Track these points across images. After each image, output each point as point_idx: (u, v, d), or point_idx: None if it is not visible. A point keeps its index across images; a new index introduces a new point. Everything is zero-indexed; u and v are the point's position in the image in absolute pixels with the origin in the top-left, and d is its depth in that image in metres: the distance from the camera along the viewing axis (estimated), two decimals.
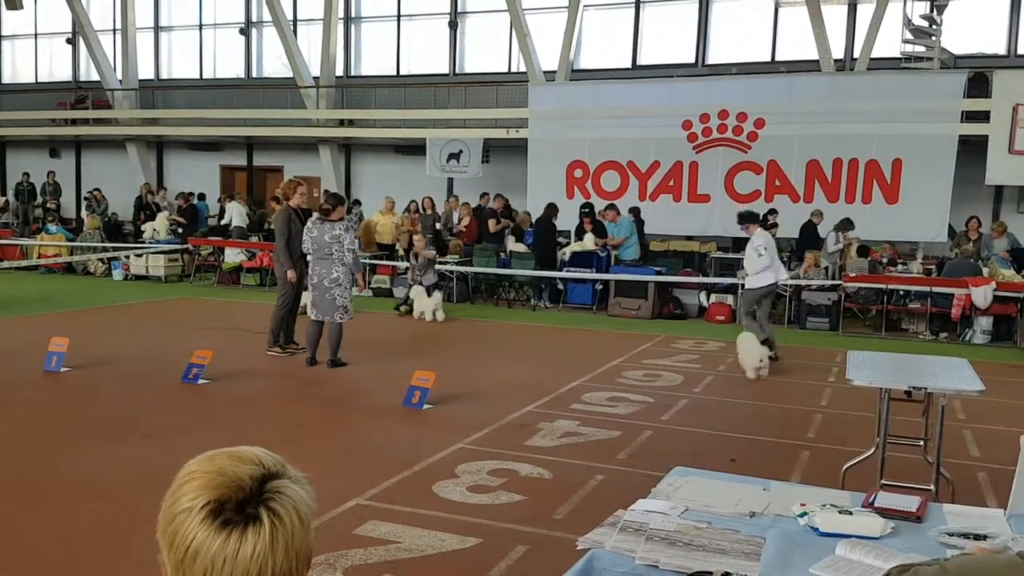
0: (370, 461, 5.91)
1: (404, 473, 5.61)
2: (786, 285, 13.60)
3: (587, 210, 15.46)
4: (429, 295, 13.10)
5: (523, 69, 19.77)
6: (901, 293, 13.33)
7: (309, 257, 9.26)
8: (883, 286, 13.14)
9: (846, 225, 14.60)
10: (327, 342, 9.11)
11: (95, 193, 21.36)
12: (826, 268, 14.09)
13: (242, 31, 23.52)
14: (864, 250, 14.29)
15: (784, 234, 16.57)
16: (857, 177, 16.39)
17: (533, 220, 16.27)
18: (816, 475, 5.64)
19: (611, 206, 15.55)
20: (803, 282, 13.53)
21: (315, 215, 9.23)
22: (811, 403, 8.18)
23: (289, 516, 1.11)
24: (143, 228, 19.31)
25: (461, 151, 19.21)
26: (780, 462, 6.13)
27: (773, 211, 15.41)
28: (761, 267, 10.08)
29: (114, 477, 5.41)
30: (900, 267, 14.31)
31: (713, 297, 14.24)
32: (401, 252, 15.84)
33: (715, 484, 3.09)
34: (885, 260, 14.56)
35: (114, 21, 24.03)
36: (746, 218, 10.40)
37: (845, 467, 5.05)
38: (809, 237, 15.23)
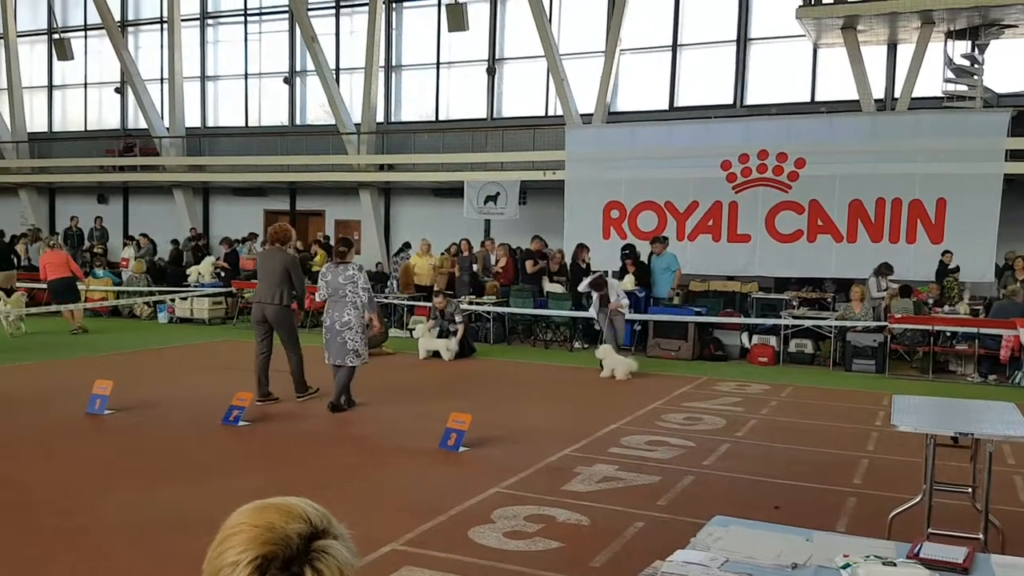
0: (405, 505, 5.87)
1: (440, 518, 5.56)
2: (830, 327, 13.43)
3: (627, 251, 15.41)
4: (453, 335, 13.22)
5: (560, 112, 19.94)
6: (948, 334, 13.05)
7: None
8: (929, 327, 12.88)
9: (885, 270, 14.36)
10: (335, 384, 9.04)
11: (140, 238, 21.78)
12: (873, 308, 13.86)
13: (286, 80, 24.04)
14: (907, 290, 14.05)
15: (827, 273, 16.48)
16: (901, 217, 16.19)
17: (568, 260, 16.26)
18: (862, 523, 5.49)
19: (657, 239, 15.49)
20: (848, 323, 13.31)
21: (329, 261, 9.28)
22: (857, 448, 7.98)
23: None
24: (188, 272, 19.65)
25: (498, 193, 19.34)
26: (825, 509, 5.98)
27: (947, 252, 15.08)
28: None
29: (154, 521, 5.43)
30: (946, 308, 14.03)
31: (755, 338, 14.04)
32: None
33: (756, 534, 3.01)
34: (931, 301, 14.29)
35: (162, 71, 24.75)
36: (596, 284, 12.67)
37: (892, 515, 4.90)
38: None
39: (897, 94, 17.33)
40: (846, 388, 11.53)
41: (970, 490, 4.90)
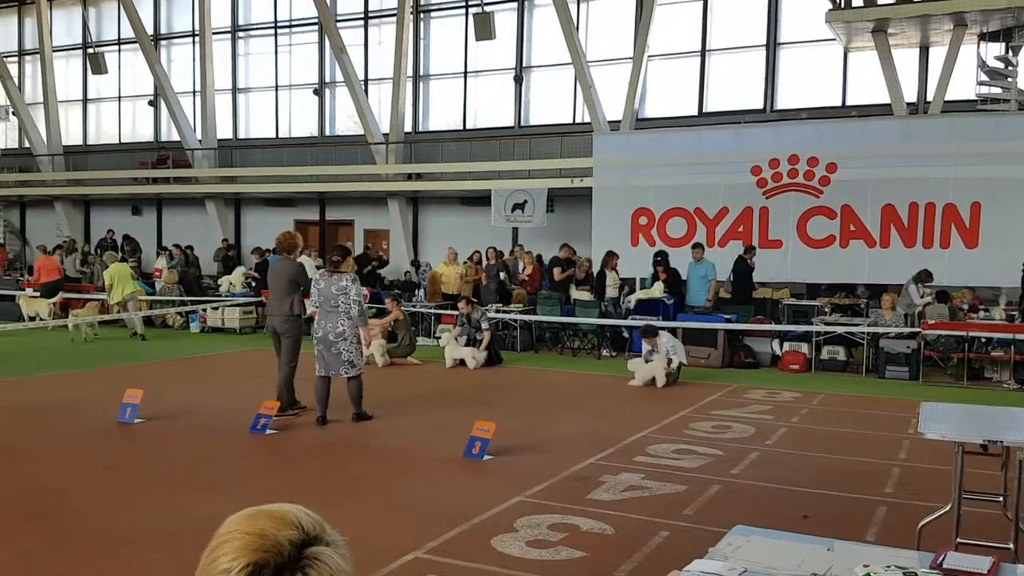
0: (429, 513, 5.85)
1: (463, 526, 5.54)
2: (863, 333, 13.25)
3: (660, 258, 15.30)
4: (477, 345, 13.19)
5: (587, 119, 19.90)
6: (983, 340, 12.80)
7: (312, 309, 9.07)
8: (964, 333, 12.65)
9: (925, 277, 14.12)
10: (348, 398, 8.90)
11: (173, 248, 22.03)
12: (905, 316, 13.64)
13: (316, 91, 24.25)
14: (944, 296, 13.81)
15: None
16: (934, 221, 15.94)
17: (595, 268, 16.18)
18: (892, 532, 5.38)
19: (697, 245, 15.39)
20: (880, 330, 13.12)
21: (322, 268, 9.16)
22: (889, 456, 7.85)
23: None
24: (220, 282, 19.83)
25: (526, 201, 19.34)
26: (855, 519, 5.88)
27: None
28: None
29: (179, 528, 5.46)
30: (982, 314, 13.78)
31: (787, 345, 13.87)
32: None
33: (777, 544, 2.95)
34: (966, 306, 14.05)
35: (194, 83, 25.06)
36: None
37: (921, 524, 4.80)
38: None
39: (930, 97, 17.10)
40: (879, 395, 11.36)
41: (1001, 499, 4.79)
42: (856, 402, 10.88)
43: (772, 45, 19.13)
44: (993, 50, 16.21)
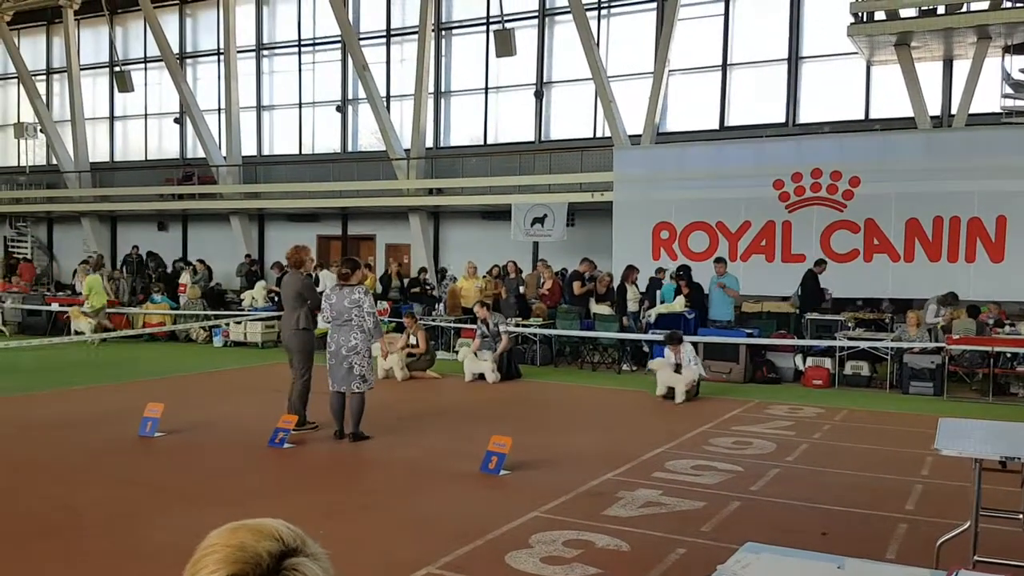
0: (444, 528, 5.83)
1: (477, 541, 5.51)
2: (887, 348, 13.10)
3: (682, 273, 15.24)
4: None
5: (608, 134, 19.90)
6: (1009, 356, 12.62)
7: (323, 324, 9.03)
8: (989, 348, 12.48)
9: (950, 300, 13.94)
10: (350, 413, 8.78)
11: (197, 263, 22.23)
12: (929, 330, 13.50)
13: (338, 108, 24.44)
14: (975, 310, 13.64)
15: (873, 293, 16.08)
16: (959, 235, 15.79)
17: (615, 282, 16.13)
18: (912, 550, 5.31)
19: (720, 259, 15.33)
20: (905, 345, 12.98)
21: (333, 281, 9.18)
22: (911, 473, 7.74)
23: None
24: (242, 296, 19.98)
25: (546, 215, 19.36)
26: (875, 536, 5.80)
27: None
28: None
29: (193, 544, 5.46)
30: (1007, 328, 13.60)
31: (810, 360, 13.74)
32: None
33: (787, 562, 2.91)
34: (992, 321, 13.87)
35: (219, 101, 25.34)
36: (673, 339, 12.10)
37: (940, 542, 4.73)
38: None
39: (954, 111, 16.95)
40: (902, 411, 11.21)
41: (1021, 516, 4.71)
42: (879, 418, 10.76)
43: (794, 59, 19.06)
44: (1018, 63, 16.06)
